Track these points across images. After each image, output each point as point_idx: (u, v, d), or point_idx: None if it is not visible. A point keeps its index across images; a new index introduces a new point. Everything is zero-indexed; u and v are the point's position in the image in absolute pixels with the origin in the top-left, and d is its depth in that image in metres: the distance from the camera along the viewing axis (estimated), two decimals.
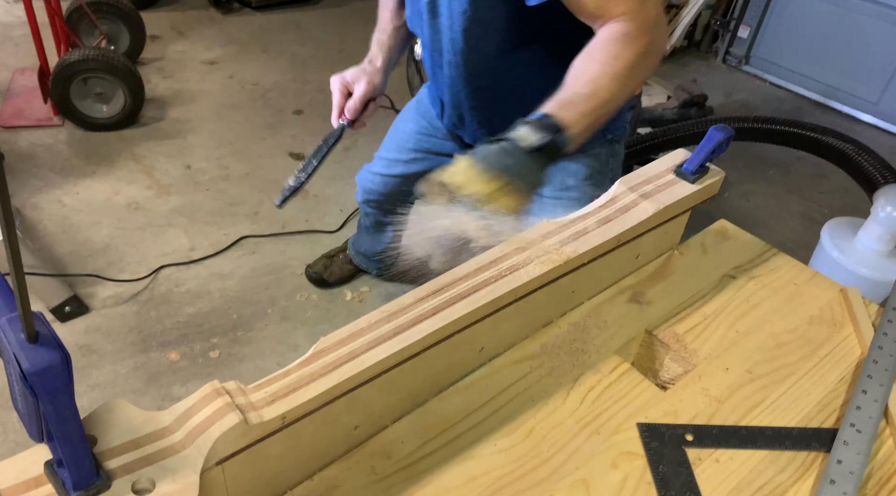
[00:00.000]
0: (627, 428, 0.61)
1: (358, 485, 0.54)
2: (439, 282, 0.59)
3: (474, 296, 0.58)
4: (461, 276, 0.59)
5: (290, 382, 0.48)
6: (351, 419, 0.54)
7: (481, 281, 0.59)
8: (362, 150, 2.58)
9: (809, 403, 0.66)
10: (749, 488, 0.57)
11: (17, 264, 0.32)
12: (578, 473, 0.57)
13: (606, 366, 0.66)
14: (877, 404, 0.63)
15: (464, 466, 0.56)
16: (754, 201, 2.49)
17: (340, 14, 3.60)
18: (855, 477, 0.57)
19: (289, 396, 0.47)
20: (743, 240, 0.85)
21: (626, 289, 0.76)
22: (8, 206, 0.30)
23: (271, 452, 0.49)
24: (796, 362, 0.70)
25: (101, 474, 0.40)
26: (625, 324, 0.72)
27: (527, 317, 0.66)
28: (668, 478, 0.57)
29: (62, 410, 0.35)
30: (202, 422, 0.44)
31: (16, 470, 0.41)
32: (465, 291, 0.58)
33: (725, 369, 0.68)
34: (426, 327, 0.54)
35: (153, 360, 1.64)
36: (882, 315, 0.74)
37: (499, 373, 0.65)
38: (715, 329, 0.72)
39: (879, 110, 3.14)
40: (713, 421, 0.63)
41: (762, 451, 0.60)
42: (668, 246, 0.81)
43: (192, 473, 0.42)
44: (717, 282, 0.78)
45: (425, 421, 0.60)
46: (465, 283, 0.59)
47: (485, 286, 0.59)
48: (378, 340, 0.52)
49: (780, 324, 0.74)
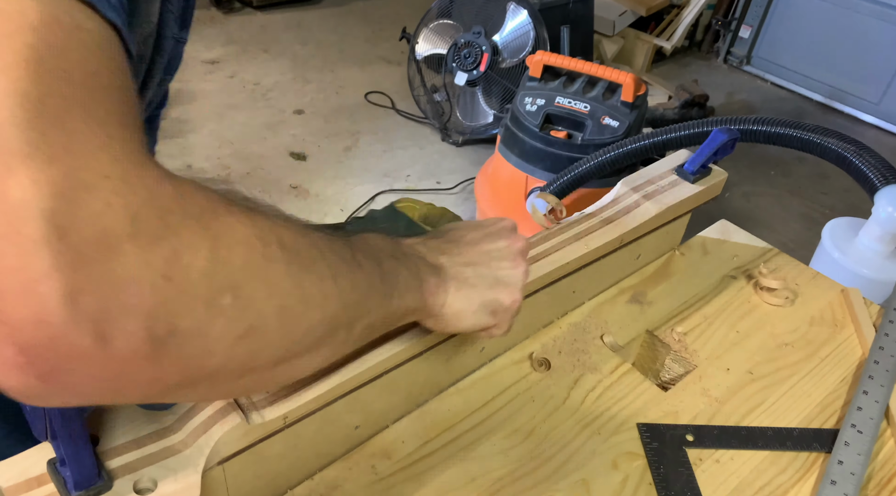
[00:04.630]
0: (628, 428, 0.61)
1: (358, 484, 0.54)
2: None
3: None
4: None
5: (292, 382, 0.48)
6: (352, 419, 0.54)
7: None
8: (363, 149, 2.58)
9: (810, 404, 0.66)
10: (750, 489, 0.57)
11: None
12: (579, 474, 0.57)
13: (607, 367, 0.66)
14: (878, 405, 0.63)
15: (464, 466, 0.56)
16: (755, 201, 2.49)
17: (341, 14, 3.60)
18: (856, 478, 0.57)
19: (290, 396, 0.47)
20: (744, 240, 0.85)
21: (627, 289, 0.76)
22: None
23: (272, 452, 0.49)
24: (797, 363, 0.70)
25: (102, 474, 0.41)
26: (626, 325, 0.72)
27: (528, 318, 0.67)
28: (668, 479, 0.57)
29: (66, 409, 0.35)
30: (204, 422, 0.44)
31: (18, 468, 0.41)
32: None
33: (726, 370, 0.68)
34: None
35: None
36: (883, 315, 0.74)
37: (499, 374, 0.65)
38: (716, 329, 0.72)
39: (881, 111, 3.14)
40: (714, 421, 0.63)
41: (763, 452, 0.60)
42: (670, 246, 0.81)
43: (194, 473, 0.42)
44: (718, 283, 0.78)
45: (426, 421, 0.60)
46: None
47: None
48: (380, 340, 0.52)
49: (781, 324, 0.74)
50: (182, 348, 0.28)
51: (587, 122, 1.88)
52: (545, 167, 1.92)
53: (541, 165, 1.93)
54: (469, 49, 2.45)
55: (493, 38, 2.45)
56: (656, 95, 3.01)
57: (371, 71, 3.10)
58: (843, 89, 3.20)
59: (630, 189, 0.74)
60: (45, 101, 0.24)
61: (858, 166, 1.12)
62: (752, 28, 3.40)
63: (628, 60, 3.31)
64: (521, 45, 2.42)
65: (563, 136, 1.91)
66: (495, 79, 2.48)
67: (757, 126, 1.25)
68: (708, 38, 3.59)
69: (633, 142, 1.42)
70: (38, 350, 0.24)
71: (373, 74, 3.07)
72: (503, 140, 2.03)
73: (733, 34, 3.47)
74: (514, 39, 2.44)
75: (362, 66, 3.14)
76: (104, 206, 0.25)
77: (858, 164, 1.12)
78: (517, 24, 2.42)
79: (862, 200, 1.12)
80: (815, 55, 3.23)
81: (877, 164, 1.11)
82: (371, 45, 3.33)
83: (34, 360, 0.25)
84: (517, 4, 2.41)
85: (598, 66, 1.93)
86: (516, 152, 1.97)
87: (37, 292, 0.23)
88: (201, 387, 0.32)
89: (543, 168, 1.92)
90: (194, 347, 0.29)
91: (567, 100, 1.90)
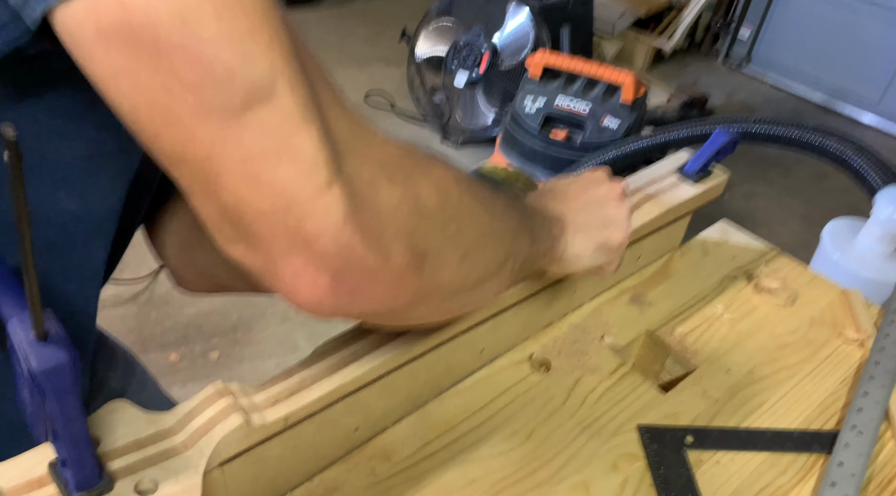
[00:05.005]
0: (628, 430, 0.61)
1: (358, 486, 0.54)
2: None
3: None
4: None
5: (293, 384, 0.48)
6: (351, 421, 0.54)
7: None
8: None
9: (810, 405, 0.66)
10: (750, 490, 0.57)
11: (29, 263, 0.32)
12: (579, 475, 0.57)
13: (607, 368, 0.66)
14: (878, 406, 0.63)
15: (464, 468, 0.56)
16: (755, 202, 2.49)
17: (340, 14, 3.60)
18: (856, 479, 0.57)
19: (291, 398, 0.47)
20: (744, 241, 0.85)
21: (627, 290, 0.76)
22: (23, 204, 0.30)
23: (272, 454, 0.49)
24: (797, 364, 0.70)
25: (104, 475, 0.41)
26: (626, 326, 0.72)
27: (527, 319, 0.67)
28: (668, 481, 0.57)
29: (68, 410, 0.35)
30: (205, 424, 0.44)
31: (20, 470, 0.41)
32: None
33: (726, 371, 0.68)
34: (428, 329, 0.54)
35: (153, 361, 1.64)
36: (883, 316, 0.74)
37: (499, 375, 0.65)
38: (716, 330, 0.72)
39: (881, 111, 3.14)
40: (714, 423, 0.63)
41: (763, 454, 0.60)
42: (670, 247, 0.81)
43: (195, 474, 0.42)
44: (718, 284, 0.78)
45: (425, 423, 0.60)
46: None
47: None
48: (380, 342, 0.52)
49: (781, 325, 0.74)
50: (430, 264, 0.36)
51: (587, 122, 1.88)
52: (545, 168, 1.92)
53: (540, 166, 1.93)
54: (469, 50, 2.45)
55: (492, 38, 2.45)
56: (656, 96, 3.01)
57: (370, 72, 3.10)
58: (843, 90, 3.20)
59: (632, 189, 0.74)
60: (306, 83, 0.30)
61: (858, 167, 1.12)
62: (752, 29, 3.41)
63: (628, 61, 3.31)
64: (521, 45, 2.42)
65: (562, 137, 1.91)
66: (495, 80, 2.48)
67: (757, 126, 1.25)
68: (708, 38, 3.59)
69: (633, 142, 1.42)
70: (345, 271, 0.32)
71: (372, 75, 3.07)
72: (503, 141, 2.03)
73: (733, 35, 3.47)
74: (514, 40, 2.44)
75: (362, 66, 3.13)
76: (360, 160, 0.32)
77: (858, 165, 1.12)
78: (517, 24, 2.42)
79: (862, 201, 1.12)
80: (815, 56, 3.23)
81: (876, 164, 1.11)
82: (371, 45, 3.32)
83: (343, 280, 0.32)
84: (517, 5, 2.41)
85: (597, 66, 1.93)
86: (516, 153, 1.97)
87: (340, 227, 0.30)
88: (434, 300, 0.40)
89: (543, 169, 1.92)
90: (438, 263, 0.37)
91: (567, 101, 1.90)
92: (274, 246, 0.31)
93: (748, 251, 0.84)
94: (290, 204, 0.29)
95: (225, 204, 0.30)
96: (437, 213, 0.37)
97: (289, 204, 0.29)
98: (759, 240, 0.86)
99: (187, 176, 0.31)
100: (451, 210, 0.38)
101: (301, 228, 0.30)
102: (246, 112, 0.28)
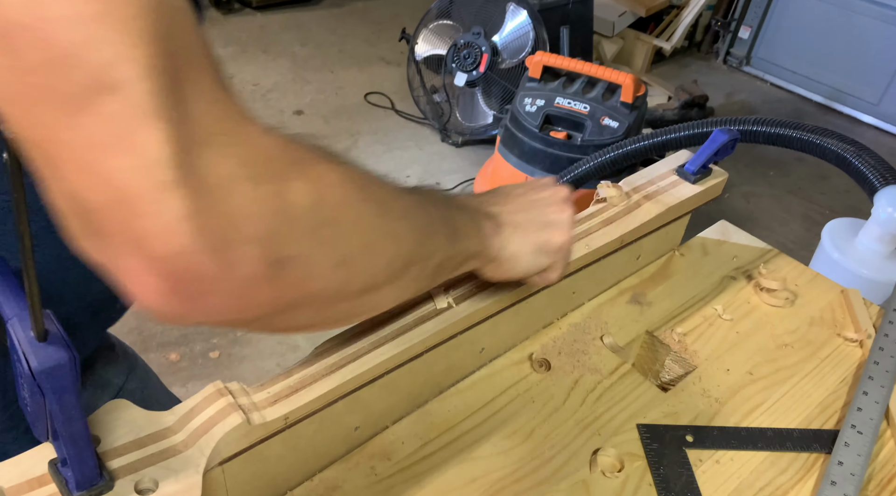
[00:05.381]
0: (628, 429, 0.61)
1: (358, 485, 0.54)
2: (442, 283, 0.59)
3: (476, 297, 0.58)
4: (463, 278, 0.60)
5: (293, 383, 0.48)
6: (352, 420, 0.54)
7: (483, 282, 0.59)
8: (362, 150, 2.58)
9: (810, 405, 0.66)
10: (750, 490, 0.57)
11: (29, 263, 0.32)
12: (579, 474, 0.57)
13: (607, 368, 0.66)
14: (878, 406, 0.63)
15: (464, 467, 0.56)
16: (755, 202, 2.49)
17: (341, 14, 3.60)
18: (856, 478, 0.57)
19: (291, 397, 0.47)
20: (744, 241, 0.85)
21: (627, 290, 0.76)
22: (23, 204, 0.30)
23: (272, 453, 0.49)
24: (797, 363, 0.70)
25: (104, 474, 0.41)
26: (625, 326, 0.72)
27: (527, 319, 0.67)
28: (668, 480, 0.57)
29: (68, 409, 0.35)
30: (205, 423, 0.44)
31: (20, 469, 0.41)
32: (467, 293, 0.58)
33: (726, 370, 0.68)
34: (429, 328, 0.54)
35: (153, 361, 1.65)
36: (883, 316, 0.74)
37: (499, 375, 0.65)
38: (716, 330, 0.72)
39: (880, 111, 3.14)
40: (714, 422, 0.63)
41: (763, 453, 0.60)
42: (669, 247, 0.81)
43: (195, 473, 0.42)
44: (718, 284, 0.78)
45: (425, 422, 0.60)
46: (467, 284, 0.59)
47: (486, 287, 0.59)
48: (380, 341, 0.52)
49: (781, 325, 0.74)
50: (291, 272, 0.33)
51: (587, 122, 1.88)
52: (545, 168, 1.92)
53: (540, 166, 1.93)
54: (469, 50, 2.45)
55: (492, 38, 2.45)
56: (656, 96, 3.01)
57: (370, 71, 3.10)
58: (843, 90, 3.20)
59: (631, 189, 0.74)
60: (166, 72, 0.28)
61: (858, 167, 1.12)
62: (752, 29, 3.41)
63: (628, 61, 3.31)
64: (521, 45, 2.42)
65: (562, 137, 1.91)
66: (495, 79, 2.48)
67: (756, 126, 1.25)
68: (707, 38, 3.59)
69: (632, 142, 1.42)
70: (179, 277, 0.29)
71: (372, 75, 3.08)
72: (503, 141, 2.03)
73: (733, 35, 3.48)
74: (514, 40, 2.44)
75: (362, 66, 3.14)
76: (219, 156, 0.29)
77: (858, 165, 1.12)
78: (517, 24, 2.42)
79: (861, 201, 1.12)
80: (815, 56, 3.23)
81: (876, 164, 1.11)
82: (370, 45, 3.33)
83: (177, 286, 0.29)
84: (517, 5, 2.41)
85: (597, 66, 1.93)
86: (516, 153, 1.97)
87: (174, 229, 0.28)
88: (306, 310, 0.36)
89: (543, 169, 1.92)
90: (301, 271, 0.34)
91: (566, 100, 1.90)
92: (113, 243, 0.29)
93: (748, 251, 0.84)
94: (123, 199, 0.28)
95: (66, 193, 0.29)
96: (308, 215, 0.33)
97: (122, 199, 0.28)
98: (758, 240, 0.86)
99: (38, 161, 0.29)
100: (327, 212, 0.35)
101: (134, 226, 0.28)
102: (88, 99, 0.27)
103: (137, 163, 0.27)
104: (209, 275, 0.30)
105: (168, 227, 0.28)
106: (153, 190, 0.28)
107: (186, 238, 0.28)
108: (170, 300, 0.30)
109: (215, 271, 0.30)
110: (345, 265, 0.36)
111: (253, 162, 0.31)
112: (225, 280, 0.30)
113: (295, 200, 0.33)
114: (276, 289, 0.33)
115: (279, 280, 0.33)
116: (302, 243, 0.33)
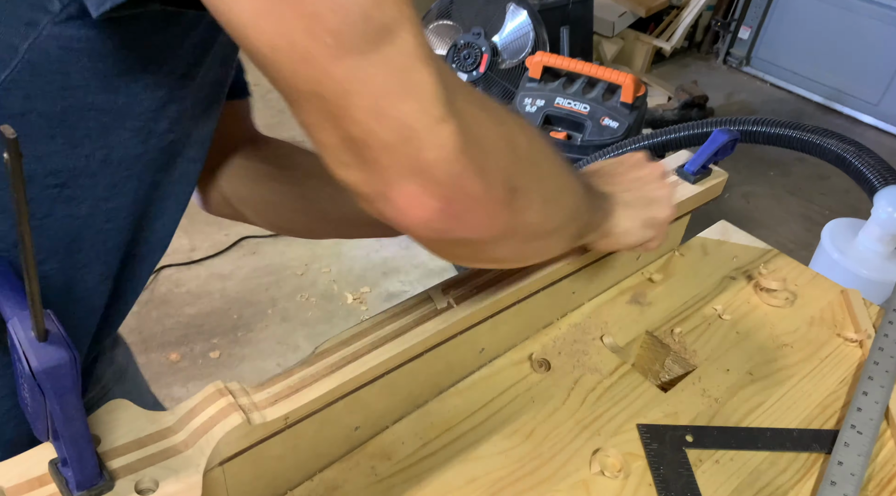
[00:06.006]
0: (628, 429, 0.61)
1: (358, 485, 0.54)
2: (442, 283, 0.59)
3: (476, 297, 0.58)
4: (463, 278, 0.60)
5: (293, 383, 0.48)
6: (352, 420, 0.54)
7: (483, 282, 0.59)
8: None
9: (810, 405, 0.66)
10: (749, 489, 0.57)
11: (30, 262, 0.32)
12: (579, 474, 0.57)
13: (607, 368, 0.66)
14: (878, 406, 0.63)
15: (464, 467, 0.56)
16: (755, 202, 2.49)
17: None
18: (856, 478, 0.57)
19: (291, 397, 0.47)
20: (744, 241, 0.85)
21: (627, 290, 0.76)
22: (24, 204, 0.30)
23: (272, 453, 0.49)
24: (797, 364, 0.70)
25: (104, 474, 0.41)
26: (625, 326, 0.72)
27: (527, 319, 0.67)
28: (668, 480, 0.57)
29: (69, 409, 0.35)
30: (205, 423, 0.44)
31: (20, 469, 0.41)
32: (467, 293, 0.58)
33: (726, 370, 0.68)
34: (429, 328, 0.54)
35: (154, 361, 1.65)
36: (883, 316, 0.74)
37: (499, 375, 0.65)
38: (716, 330, 0.73)
39: (880, 111, 3.15)
40: (714, 422, 0.63)
41: (763, 453, 0.60)
42: (669, 247, 0.81)
43: (196, 473, 0.42)
44: (718, 284, 0.78)
45: (426, 422, 0.60)
46: (467, 284, 0.59)
47: (487, 287, 0.59)
48: (380, 341, 0.52)
49: (781, 325, 0.74)
50: (518, 200, 0.39)
51: (587, 123, 1.89)
52: None
53: None
54: (469, 50, 2.45)
55: (492, 39, 2.45)
56: (656, 96, 3.01)
57: None
58: (843, 90, 3.20)
59: None
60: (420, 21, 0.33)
61: (858, 167, 1.12)
62: (752, 29, 3.41)
63: (628, 61, 3.31)
64: (521, 46, 2.42)
65: (562, 137, 1.91)
66: (495, 80, 2.49)
67: (756, 127, 1.25)
68: (707, 39, 3.59)
69: (632, 143, 1.42)
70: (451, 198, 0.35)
71: None
72: None
73: (733, 35, 3.48)
74: (514, 40, 2.44)
75: None
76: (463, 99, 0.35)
77: (858, 165, 1.12)
78: (517, 25, 2.43)
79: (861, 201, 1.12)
80: (815, 56, 3.23)
81: (876, 164, 1.11)
82: None
83: (449, 206, 0.35)
84: (517, 5, 2.41)
85: (597, 66, 1.93)
86: None
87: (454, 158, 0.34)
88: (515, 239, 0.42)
89: None
90: (524, 200, 0.40)
91: (566, 101, 1.90)
92: (392, 173, 0.34)
93: (748, 251, 0.84)
94: (411, 136, 0.33)
95: (351, 135, 0.33)
96: (527, 155, 0.41)
97: (410, 136, 0.32)
98: (758, 240, 0.86)
99: (315, 110, 0.33)
100: (537, 155, 0.42)
101: (420, 158, 0.33)
102: (375, 52, 0.31)
103: (420, 103, 0.32)
104: (476, 196, 0.36)
105: (449, 157, 0.34)
106: (433, 126, 0.33)
107: (462, 165, 0.34)
108: (440, 217, 0.35)
109: (479, 192, 0.36)
110: (548, 202, 0.43)
111: (488, 106, 0.38)
112: (485, 199, 0.36)
113: (518, 142, 0.40)
114: (509, 213, 0.39)
115: (512, 204, 0.39)
116: (526, 177, 0.40)
